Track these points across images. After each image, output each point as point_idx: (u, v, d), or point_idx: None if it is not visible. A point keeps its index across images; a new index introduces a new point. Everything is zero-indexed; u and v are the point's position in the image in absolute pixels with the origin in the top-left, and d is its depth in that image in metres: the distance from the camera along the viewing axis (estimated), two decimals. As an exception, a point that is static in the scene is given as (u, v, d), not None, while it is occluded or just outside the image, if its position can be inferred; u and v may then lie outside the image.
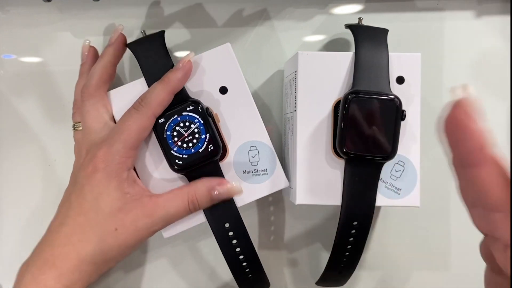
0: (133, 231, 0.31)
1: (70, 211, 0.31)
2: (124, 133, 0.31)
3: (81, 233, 0.30)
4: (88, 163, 0.31)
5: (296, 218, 0.42)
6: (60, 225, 0.31)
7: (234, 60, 0.34)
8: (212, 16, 0.41)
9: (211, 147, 0.32)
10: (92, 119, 0.33)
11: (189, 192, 0.32)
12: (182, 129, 0.32)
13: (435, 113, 0.42)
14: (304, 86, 0.34)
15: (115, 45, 0.35)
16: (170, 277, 0.42)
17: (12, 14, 0.41)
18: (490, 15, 0.41)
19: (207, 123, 0.32)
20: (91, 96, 0.33)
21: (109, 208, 0.31)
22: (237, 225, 0.33)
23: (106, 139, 0.32)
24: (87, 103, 0.33)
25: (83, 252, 0.30)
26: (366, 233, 0.33)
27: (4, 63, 0.41)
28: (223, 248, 0.33)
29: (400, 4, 0.41)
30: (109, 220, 0.30)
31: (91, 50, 0.38)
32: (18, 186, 0.42)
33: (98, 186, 0.31)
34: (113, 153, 0.31)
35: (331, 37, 0.41)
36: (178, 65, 0.33)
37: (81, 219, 0.31)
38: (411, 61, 0.34)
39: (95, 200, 0.31)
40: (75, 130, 0.36)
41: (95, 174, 0.31)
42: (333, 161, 0.34)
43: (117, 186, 0.31)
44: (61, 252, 0.30)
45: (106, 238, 0.30)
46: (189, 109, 0.32)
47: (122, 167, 0.31)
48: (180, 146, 0.32)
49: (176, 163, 0.32)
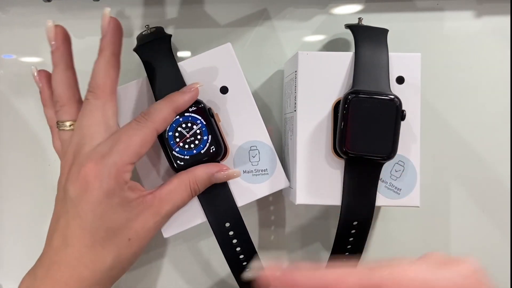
0: (145, 234, 0.30)
1: (69, 231, 0.28)
2: (123, 144, 0.29)
3: (93, 254, 0.28)
4: (77, 174, 0.28)
5: (296, 218, 0.42)
6: (64, 244, 0.28)
7: (234, 60, 0.34)
8: (212, 16, 0.41)
9: (213, 148, 0.32)
10: (93, 121, 0.29)
11: (190, 179, 0.31)
12: (184, 130, 0.32)
13: (435, 113, 0.42)
14: (304, 86, 0.34)
15: (110, 33, 0.31)
16: (170, 277, 0.42)
17: (12, 14, 0.41)
18: (490, 15, 0.41)
19: (209, 124, 0.32)
20: (100, 97, 0.30)
21: (118, 223, 0.29)
22: (237, 225, 0.33)
23: (100, 149, 0.29)
24: (93, 102, 0.30)
25: (97, 271, 0.28)
26: (366, 233, 0.33)
27: (4, 63, 0.41)
28: (223, 247, 0.33)
29: (400, 4, 0.41)
30: (121, 234, 0.29)
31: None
32: (18, 186, 0.42)
33: (99, 206, 0.28)
34: (109, 165, 0.28)
35: (331, 37, 0.41)
36: (187, 88, 0.32)
37: (87, 240, 0.28)
38: (411, 61, 0.34)
39: (100, 220, 0.28)
40: (61, 129, 0.31)
41: (91, 193, 0.28)
42: (333, 161, 0.34)
43: (120, 202, 0.29)
44: (73, 273, 0.28)
45: (122, 252, 0.29)
46: (191, 109, 0.32)
47: (120, 182, 0.28)
48: (181, 147, 0.32)
49: (178, 163, 0.32)
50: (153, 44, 0.34)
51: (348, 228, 0.33)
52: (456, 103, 0.41)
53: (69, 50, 0.32)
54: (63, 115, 0.31)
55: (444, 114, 0.41)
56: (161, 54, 0.33)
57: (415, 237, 0.42)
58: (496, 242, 0.42)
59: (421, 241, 0.42)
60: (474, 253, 0.42)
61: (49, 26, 0.31)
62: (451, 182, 0.41)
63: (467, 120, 0.41)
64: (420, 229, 0.42)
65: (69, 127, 0.31)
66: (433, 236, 0.42)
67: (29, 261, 0.34)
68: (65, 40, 0.32)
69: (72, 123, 0.31)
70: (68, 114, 0.31)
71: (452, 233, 0.42)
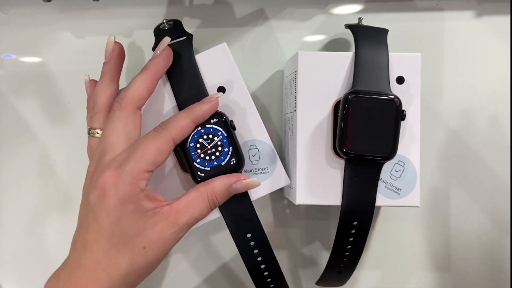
0: (161, 244, 0.30)
1: (89, 236, 0.30)
2: (139, 153, 0.29)
3: (109, 258, 0.29)
4: (96, 181, 0.30)
5: (296, 218, 0.42)
6: (83, 249, 0.30)
7: (230, 59, 0.34)
8: (212, 16, 0.41)
9: (234, 160, 0.32)
10: (115, 131, 0.30)
11: (208, 191, 0.31)
12: (205, 141, 0.32)
13: (435, 113, 0.42)
14: (304, 86, 0.34)
15: (160, 57, 0.32)
16: (182, 271, 0.42)
17: (12, 14, 0.41)
18: (490, 15, 0.41)
19: (230, 136, 0.32)
20: (124, 108, 0.31)
21: (132, 230, 0.29)
22: (259, 235, 0.33)
23: (119, 158, 0.30)
24: (118, 114, 0.31)
25: (114, 275, 0.29)
26: (366, 233, 0.33)
27: (4, 63, 0.41)
28: (245, 258, 0.33)
29: (400, 4, 0.41)
30: (136, 241, 0.29)
31: (116, 47, 0.33)
32: (18, 186, 0.42)
33: (114, 212, 0.29)
34: (124, 174, 0.29)
35: (331, 37, 0.41)
36: (207, 99, 0.32)
37: (104, 244, 0.29)
38: (411, 61, 0.34)
39: (115, 225, 0.29)
40: (91, 136, 0.33)
41: (107, 199, 0.29)
42: (333, 161, 0.34)
43: (135, 209, 0.29)
44: (92, 276, 0.29)
45: (137, 259, 0.29)
46: (213, 121, 0.32)
47: (135, 189, 0.29)
48: (202, 158, 0.32)
49: (199, 175, 0.32)
50: (174, 46, 0.33)
51: (348, 228, 0.33)
52: (456, 103, 0.41)
53: (118, 66, 0.33)
54: (94, 122, 0.33)
55: (444, 114, 0.41)
56: (183, 58, 0.33)
57: (415, 237, 0.42)
58: (496, 242, 0.42)
59: (421, 241, 0.42)
60: (474, 253, 0.42)
61: (110, 40, 0.33)
62: (451, 182, 0.41)
63: (467, 120, 0.41)
64: (420, 229, 0.42)
65: (98, 134, 0.32)
66: (433, 236, 0.42)
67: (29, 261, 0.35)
68: (119, 56, 0.33)
69: (101, 131, 0.32)
70: (98, 122, 0.32)
71: (452, 233, 0.42)
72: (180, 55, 0.33)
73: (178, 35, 0.34)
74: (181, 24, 0.36)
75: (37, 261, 0.33)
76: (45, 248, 0.42)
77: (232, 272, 0.42)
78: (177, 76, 0.33)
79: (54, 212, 0.41)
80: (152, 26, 0.36)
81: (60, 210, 0.41)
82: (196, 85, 0.33)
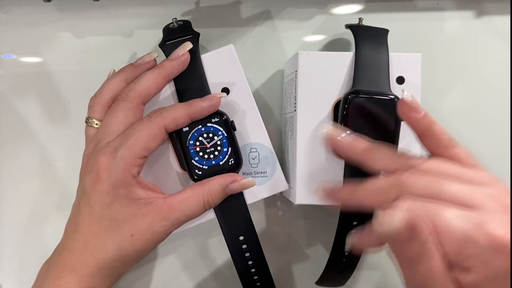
0: (150, 235, 0.30)
1: (80, 218, 0.30)
2: (131, 139, 0.30)
3: (97, 241, 0.30)
4: (92, 167, 0.30)
5: (296, 218, 0.42)
6: (74, 231, 0.31)
7: (236, 61, 0.34)
8: (212, 16, 0.41)
9: (232, 161, 0.32)
10: (115, 120, 0.31)
11: (204, 191, 0.32)
12: (205, 140, 0.32)
13: (435, 113, 0.42)
14: (304, 86, 0.34)
15: (177, 62, 0.32)
16: (176, 273, 0.42)
17: (12, 14, 0.41)
18: (490, 15, 0.41)
19: (230, 136, 0.32)
20: (129, 100, 0.31)
21: (122, 216, 0.30)
22: (251, 239, 0.33)
23: (113, 143, 0.30)
24: (122, 104, 0.31)
25: (101, 259, 0.30)
26: (366, 233, 0.33)
27: (4, 63, 0.41)
28: (236, 260, 0.33)
29: (400, 4, 0.41)
30: (124, 227, 0.30)
31: (153, 63, 0.34)
32: (18, 186, 0.42)
33: (106, 196, 0.30)
34: (117, 159, 0.30)
35: (331, 37, 0.41)
36: (208, 96, 0.32)
37: (94, 227, 0.30)
38: (411, 61, 0.34)
39: (106, 209, 0.30)
40: (88, 125, 0.33)
41: (100, 183, 0.30)
42: (333, 161, 0.34)
43: (127, 194, 0.30)
44: (80, 258, 0.30)
45: (123, 245, 0.30)
46: (214, 120, 0.32)
47: (127, 175, 0.30)
48: (201, 157, 0.32)
49: (196, 173, 0.32)
50: (180, 43, 0.33)
51: (348, 228, 0.33)
52: (456, 103, 0.41)
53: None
54: (97, 114, 0.33)
55: (444, 114, 0.41)
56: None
57: (415, 237, 0.42)
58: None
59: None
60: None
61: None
62: (451, 182, 0.41)
63: (467, 120, 0.41)
64: (420, 229, 0.42)
65: (96, 125, 0.33)
66: (433, 236, 0.42)
67: (29, 261, 0.35)
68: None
69: (98, 122, 0.33)
70: (100, 113, 0.33)
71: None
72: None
73: (186, 34, 0.34)
74: (190, 24, 0.36)
75: (37, 261, 0.33)
76: (45, 248, 0.41)
77: (223, 275, 0.42)
78: (181, 73, 0.33)
79: (54, 212, 0.41)
80: (152, 26, 0.36)
81: (60, 210, 0.41)
82: (199, 83, 0.33)
